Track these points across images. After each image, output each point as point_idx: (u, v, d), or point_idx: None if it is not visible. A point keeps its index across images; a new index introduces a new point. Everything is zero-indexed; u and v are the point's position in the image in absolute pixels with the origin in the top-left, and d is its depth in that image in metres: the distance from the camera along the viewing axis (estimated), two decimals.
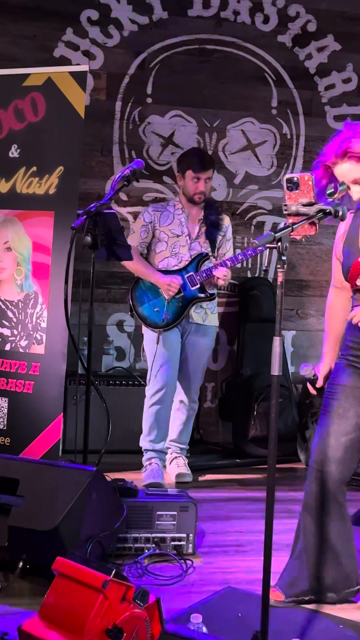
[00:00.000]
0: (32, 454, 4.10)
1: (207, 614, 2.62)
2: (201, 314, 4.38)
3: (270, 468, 2.14)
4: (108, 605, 2.14)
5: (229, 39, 5.41)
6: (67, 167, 4.21)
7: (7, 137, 4.36)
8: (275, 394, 2.12)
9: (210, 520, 3.78)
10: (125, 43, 5.25)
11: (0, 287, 4.34)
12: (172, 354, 4.34)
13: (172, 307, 4.31)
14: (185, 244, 4.37)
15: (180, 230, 4.37)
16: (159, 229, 4.38)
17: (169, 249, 4.36)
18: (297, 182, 2.25)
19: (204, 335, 4.42)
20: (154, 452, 4.38)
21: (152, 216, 4.39)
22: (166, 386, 4.32)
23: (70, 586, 2.22)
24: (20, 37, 5.08)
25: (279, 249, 2.09)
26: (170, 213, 4.41)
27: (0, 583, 2.88)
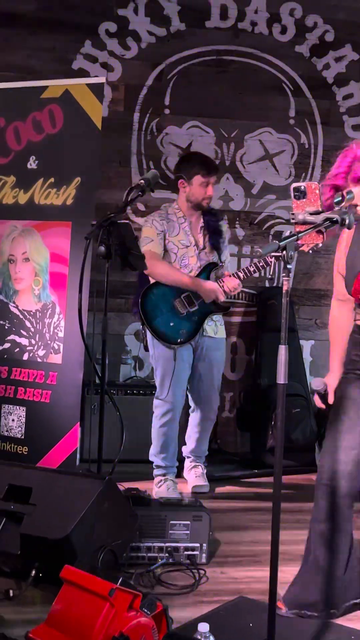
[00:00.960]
0: (50, 463, 4.12)
1: (218, 623, 2.61)
2: (212, 327, 4.31)
3: (277, 477, 2.14)
4: (115, 613, 2.15)
5: (246, 50, 5.44)
6: (84, 178, 4.24)
7: (25, 149, 4.41)
8: (281, 403, 2.12)
9: (225, 530, 3.77)
10: (143, 55, 5.29)
11: (19, 297, 4.38)
12: (183, 371, 4.25)
13: (186, 321, 4.22)
14: (194, 254, 4.29)
15: (188, 241, 4.28)
16: (169, 239, 4.27)
17: (178, 260, 4.27)
18: (304, 190, 2.26)
19: (217, 348, 4.35)
20: (167, 468, 4.34)
21: (162, 225, 4.29)
22: (177, 405, 4.27)
23: (77, 594, 2.23)
24: (39, 50, 5.14)
25: (284, 257, 2.09)
26: (174, 222, 4.29)
27: (13, 591, 2.89)
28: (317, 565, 2.78)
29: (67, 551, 2.78)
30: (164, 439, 4.30)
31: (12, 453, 4.26)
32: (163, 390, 4.24)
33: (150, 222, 4.33)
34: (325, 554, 2.77)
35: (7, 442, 4.30)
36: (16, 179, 4.41)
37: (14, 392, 4.31)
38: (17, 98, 4.45)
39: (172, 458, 4.35)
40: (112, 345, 5.19)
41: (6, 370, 4.35)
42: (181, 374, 4.24)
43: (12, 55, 5.12)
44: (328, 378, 2.91)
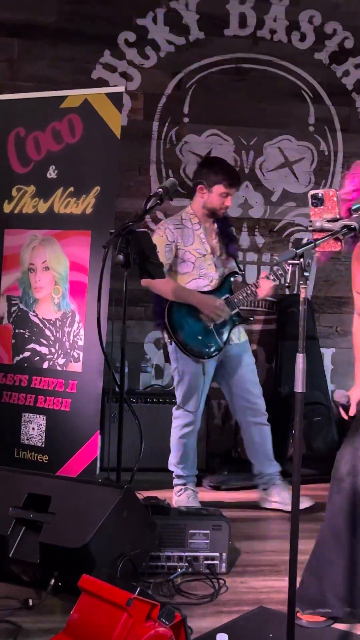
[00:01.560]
0: (70, 472, 4.13)
1: (237, 633, 2.60)
2: (235, 333, 4.23)
3: (295, 486, 2.12)
4: (132, 623, 2.14)
5: (265, 58, 5.44)
6: (103, 187, 4.25)
7: (45, 159, 4.43)
8: (299, 411, 2.11)
9: (245, 540, 3.75)
10: (162, 64, 5.31)
11: (39, 305, 4.39)
12: (205, 380, 4.18)
13: (213, 334, 4.12)
14: (212, 262, 4.18)
15: (204, 249, 4.16)
16: (183, 248, 4.14)
17: (196, 269, 4.15)
18: (322, 198, 2.25)
19: (244, 351, 4.26)
20: (188, 477, 4.30)
21: (174, 235, 4.14)
22: (199, 417, 4.24)
23: (95, 604, 2.23)
24: (59, 60, 5.17)
25: (302, 265, 2.08)
26: (189, 229, 4.16)
27: (32, 600, 2.89)
28: (325, 560, 2.76)
29: (86, 560, 2.77)
30: (184, 449, 4.26)
31: (33, 461, 4.27)
32: (188, 402, 4.18)
33: (162, 229, 4.19)
34: (336, 548, 2.74)
35: (27, 450, 4.32)
36: (36, 188, 4.44)
37: (34, 401, 4.33)
38: (36, 108, 4.48)
39: (191, 467, 4.31)
40: (131, 354, 5.20)
41: (26, 379, 4.37)
42: (205, 383, 4.19)
43: (32, 66, 5.15)
44: (352, 391, 2.88)
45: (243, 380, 4.25)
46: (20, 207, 4.48)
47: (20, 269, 4.46)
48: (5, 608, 2.86)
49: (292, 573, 2.20)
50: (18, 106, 4.55)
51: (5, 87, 5.07)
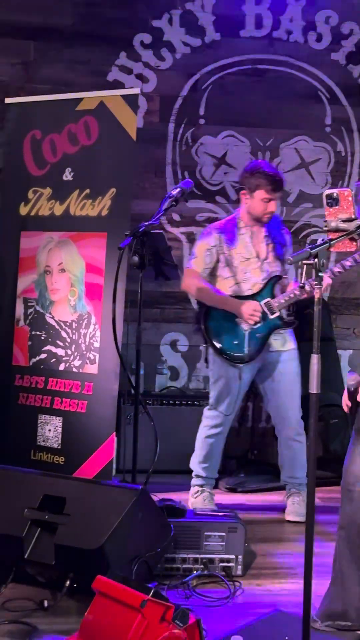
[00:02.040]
0: (86, 473, 4.13)
1: (252, 636, 2.59)
2: (279, 340, 4.12)
3: (310, 489, 2.10)
4: (147, 625, 2.14)
5: (281, 58, 5.43)
6: (119, 189, 4.25)
7: (61, 161, 4.44)
8: (314, 413, 2.09)
9: (262, 542, 3.73)
10: (178, 65, 5.32)
11: (55, 307, 4.40)
12: (241, 385, 4.12)
13: (253, 339, 4.05)
14: (257, 267, 4.07)
15: (248, 253, 4.07)
16: (227, 252, 4.08)
17: (239, 273, 4.08)
18: (337, 197, 2.24)
19: (287, 360, 4.13)
20: (207, 479, 4.26)
21: (217, 239, 4.09)
22: (230, 419, 4.19)
23: (109, 605, 2.22)
24: (75, 63, 5.19)
25: (316, 265, 2.06)
26: (235, 234, 4.10)
27: (48, 601, 2.89)
28: (343, 573, 2.73)
29: (101, 562, 2.77)
30: (209, 450, 4.22)
31: (49, 463, 4.27)
32: (221, 404, 4.15)
33: (206, 234, 4.16)
34: (352, 561, 2.71)
35: (43, 452, 4.32)
36: (52, 190, 4.45)
37: (50, 402, 4.33)
38: (52, 110, 4.49)
39: (213, 470, 4.26)
40: (147, 355, 5.20)
41: (42, 381, 4.38)
42: (240, 387, 4.13)
43: (48, 68, 5.18)
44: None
45: (278, 391, 4.15)
46: (36, 210, 4.49)
47: (36, 271, 4.47)
48: (21, 609, 2.87)
49: (307, 576, 2.19)
50: (34, 109, 4.56)
51: (21, 89, 5.10)
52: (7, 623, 2.75)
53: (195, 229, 5.29)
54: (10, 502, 3.09)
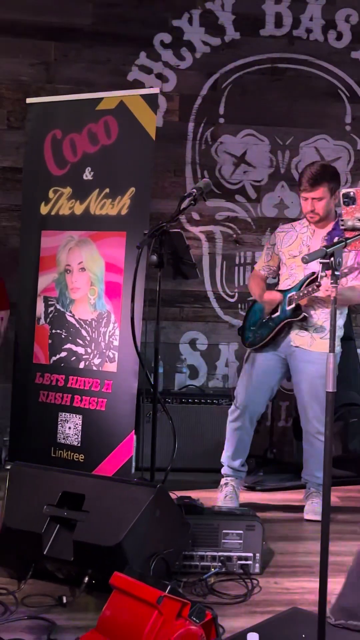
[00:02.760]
0: (105, 471, 4.16)
1: (270, 633, 2.59)
2: (306, 338, 4.04)
3: (326, 487, 2.11)
4: (163, 621, 2.15)
5: (301, 57, 5.41)
6: (138, 188, 4.28)
7: (81, 160, 4.48)
8: (329, 412, 2.10)
9: (280, 541, 3.74)
10: (198, 65, 5.32)
11: (75, 306, 4.44)
12: (259, 376, 4.14)
13: (264, 326, 4.14)
14: (301, 264, 4.02)
15: (298, 251, 4.08)
16: (282, 250, 4.16)
17: (288, 269, 4.14)
18: (354, 196, 2.24)
19: (309, 362, 4.02)
20: (231, 469, 4.24)
21: (276, 238, 4.20)
22: (244, 407, 4.14)
23: (126, 601, 2.24)
24: (95, 63, 5.21)
25: (332, 264, 2.07)
26: (296, 232, 4.14)
27: (66, 597, 2.92)
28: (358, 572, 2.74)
29: (119, 559, 2.79)
30: (229, 437, 4.22)
31: (69, 460, 4.32)
32: (236, 397, 4.20)
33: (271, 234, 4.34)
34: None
35: (63, 449, 4.36)
36: (72, 190, 4.49)
37: (70, 400, 4.37)
38: (73, 110, 4.53)
39: (236, 460, 4.22)
40: (167, 354, 5.22)
41: (63, 379, 4.41)
42: (258, 378, 4.14)
43: (68, 68, 5.21)
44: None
45: (300, 389, 4.13)
46: (56, 209, 4.53)
47: (56, 270, 4.50)
48: (40, 605, 2.89)
49: (322, 574, 2.19)
50: (55, 108, 4.60)
51: (42, 89, 5.13)
52: (26, 618, 2.77)
53: (215, 227, 5.30)
54: (29, 499, 3.12)
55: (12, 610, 2.83)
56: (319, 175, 3.94)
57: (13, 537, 3.08)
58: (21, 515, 3.09)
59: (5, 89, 5.16)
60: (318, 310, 4.03)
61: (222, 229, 5.33)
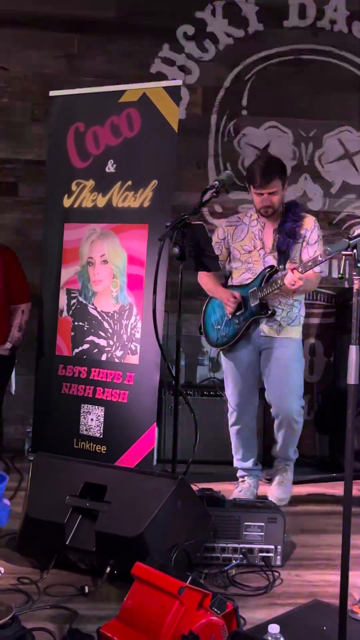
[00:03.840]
0: (127, 462, 4.17)
1: (290, 625, 2.59)
2: (274, 327, 4.09)
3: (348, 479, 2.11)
4: (184, 611, 2.16)
5: (325, 48, 5.38)
6: (161, 181, 4.28)
7: (103, 153, 4.48)
8: (352, 404, 2.09)
9: (302, 534, 3.74)
10: (221, 56, 5.31)
11: (97, 298, 4.45)
12: (241, 372, 4.17)
13: (230, 324, 4.15)
14: (259, 258, 4.09)
15: (252, 245, 4.11)
16: (232, 245, 4.17)
17: (244, 264, 4.13)
18: None
19: (279, 347, 4.09)
20: (244, 470, 4.30)
21: (225, 232, 4.20)
22: (238, 407, 4.20)
23: (147, 591, 2.26)
24: (118, 55, 5.22)
25: (355, 256, 2.06)
26: (245, 226, 4.16)
27: (88, 587, 2.94)
28: None
29: (140, 549, 2.81)
30: (234, 440, 4.29)
31: (91, 452, 4.34)
32: (229, 398, 4.26)
33: (217, 228, 4.31)
34: None
35: (86, 441, 4.38)
36: (95, 182, 4.50)
37: (92, 392, 4.39)
38: (95, 103, 4.54)
39: (248, 461, 4.29)
40: (189, 347, 5.22)
41: (85, 371, 4.43)
42: (241, 375, 4.18)
43: (91, 60, 5.22)
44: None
45: (269, 377, 4.15)
46: (79, 202, 4.54)
47: (79, 262, 4.52)
48: (62, 594, 2.92)
49: (344, 567, 2.19)
50: (78, 101, 4.61)
51: (65, 82, 5.13)
52: (49, 608, 2.80)
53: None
54: (52, 490, 3.15)
55: (35, 599, 2.86)
56: (271, 170, 3.98)
57: (36, 527, 3.11)
58: (44, 505, 3.12)
59: (29, 82, 5.18)
60: (282, 302, 4.09)
61: None
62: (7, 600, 2.71)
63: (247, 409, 4.23)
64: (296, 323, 4.16)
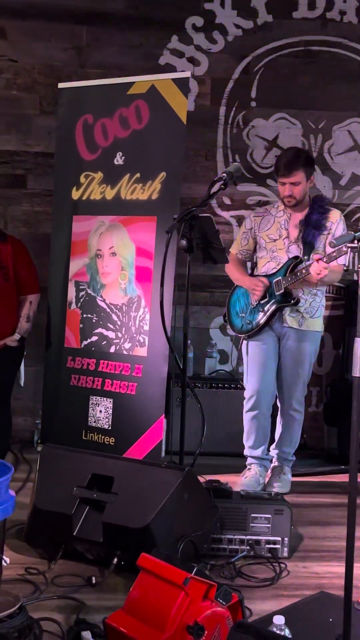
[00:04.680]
0: (135, 454, 4.19)
1: (296, 617, 2.60)
2: (297, 318, 4.16)
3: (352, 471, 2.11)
4: (189, 602, 2.17)
5: (335, 39, 5.34)
6: (169, 173, 4.28)
7: (112, 145, 4.48)
8: (357, 396, 2.09)
9: (309, 525, 3.75)
10: (230, 48, 5.28)
11: (106, 290, 4.46)
12: (263, 360, 4.21)
13: (255, 312, 4.21)
14: (283, 247, 4.16)
15: (277, 234, 4.19)
16: (259, 234, 4.25)
17: (269, 252, 4.20)
18: None
19: (300, 340, 4.19)
20: (253, 458, 4.32)
21: (252, 222, 4.29)
22: (257, 393, 4.22)
23: (153, 582, 2.27)
24: (127, 47, 5.20)
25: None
26: (272, 216, 4.25)
27: (95, 578, 2.96)
28: None
29: (147, 540, 2.82)
30: (248, 426, 4.31)
31: (100, 443, 4.36)
32: (246, 382, 4.30)
33: (245, 219, 4.40)
34: None
35: (94, 432, 4.40)
36: (103, 174, 4.50)
37: (101, 384, 4.40)
38: (104, 95, 4.54)
39: (258, 449, 4.30)
40: (197, 339, 5.23)
41: (94, 363, 4.45)
42: (263, 362, 4.22)
43: (100, 52, 5.20)
44: None
45: (283, 365, 4.25)
46: (88, 194, 4.55)
47: (88, 254, 4.53)
48: (70, 585, 2.94)
49: (348, 559, 2.20)
50: (86, 93, 4.61)
51: (73, 74, 5.14)
52: (56, 598, 2.82)
53: (246, 212, 5.26)
54: (60, 481, 3.17)
55: (43, 589, 2.88)
56: (295, 161, 4.05)
57: (43, 518, 3.13)
58: (51, 496, 3.13)
59: (37, 74, 5.18)
60: (305, 291, 4.16)
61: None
62: (14, 591, 2.74)
63: (265, 396, 4.25)
64: (318, 315, 4.23)
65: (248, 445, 4.32)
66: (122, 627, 2.19)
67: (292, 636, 2.29)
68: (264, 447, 4.33)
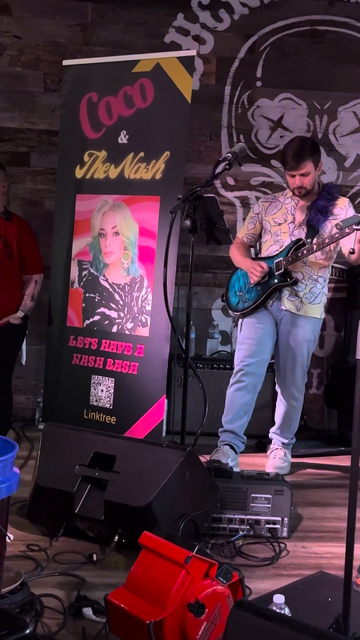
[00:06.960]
0: (136, 434, 4.21)
1: (295, 596, 2.62)
2: (295, 303, 4.12)
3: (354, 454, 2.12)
4: (190, 580, 2.19)
5: (341, 19, 5.30)
6: (173, 152, 4.26)
7: (116, 123, 4.46)
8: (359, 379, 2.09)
9: (309, 506, 3.77)
10: (236, 27, 5.24)
11: (108, 270, 4.46)
12: (257, 337, 4.15)
13: (252, 290, 4.20)
14: (287, 230, 4.13)
15: (283, 218, 4.17)
16: (265, 218, 4.23)
17: (273, 236, 4.18)
18: None
19: (297, 325, 4.14)
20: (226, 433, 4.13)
21: (260, 207, 4.28)
22: (245, 365, 4.13)
23: (154, 560, 2.28)
24: (132, 25, 5.16)
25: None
26: (280, 202, 4.22)
27: (97, 555, 2.98)
28: None
29: (148, 519, 2.84)
30: (228, 400, 4.17)
31: (101, 422, 4.37)
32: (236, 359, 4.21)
33: (254, 204, 4.40)
34: None
35: (96, 411, 4.42)
36: (107, 153, 4.48)
37: (103, 364, 4.41)
38: (109, 73, 4.51)
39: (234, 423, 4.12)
40: (199, 319, 5.23)
41: (96, 342, 4.45)
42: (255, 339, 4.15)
43: (105, 30, 5.16)
44: None
45: (280, 350, 4.22)
46: (91, 173, 4.53)
47: (91, 234, 4.52)
48: (71, 562, 2.96)
49: (349, 539, 2.21)
50: (91, 71, 4.58)
51: (78, 51, 5.11)
52: (58, 575, 2.84)
53: (250, 193, 5.26)
54: (62, 459, 3.18)
55: (44, 566, 2.90)
56: (302, 152, 3.99)
57: (45, 495, 3.15)
58: (53, 474, 3.15)
59: (42, 51, 5.14)
60: (306, 276, 4.13)
61: (257, 194, 5.28)
62: (16, 567, 2.77)
63: (251, 369, 4.13)
64: (317, 301, 4.18)
65: (224, 420, 4.15)
66: (123, 604, 2.21)
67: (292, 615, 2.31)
68: (240, 423, 4.13)
